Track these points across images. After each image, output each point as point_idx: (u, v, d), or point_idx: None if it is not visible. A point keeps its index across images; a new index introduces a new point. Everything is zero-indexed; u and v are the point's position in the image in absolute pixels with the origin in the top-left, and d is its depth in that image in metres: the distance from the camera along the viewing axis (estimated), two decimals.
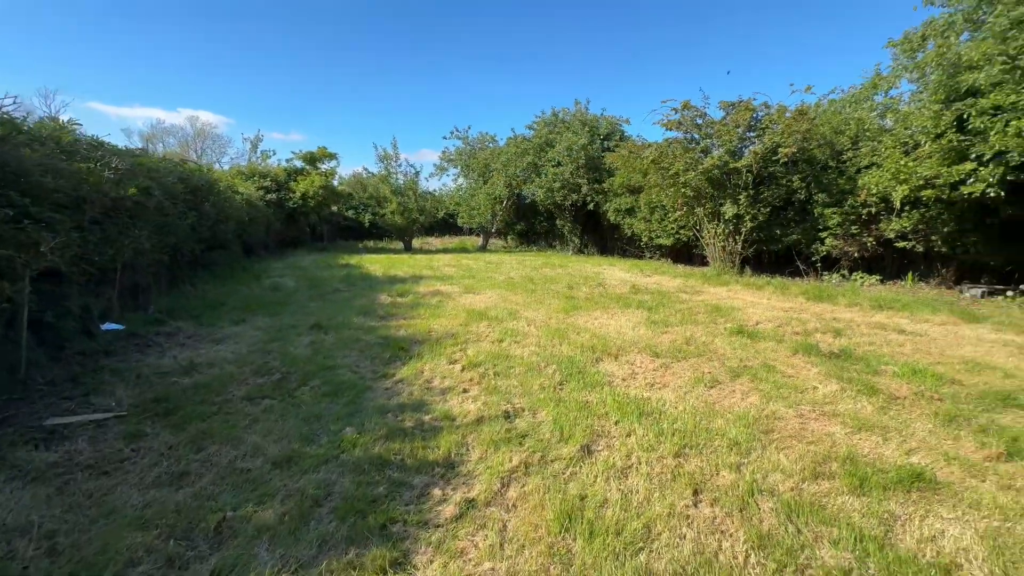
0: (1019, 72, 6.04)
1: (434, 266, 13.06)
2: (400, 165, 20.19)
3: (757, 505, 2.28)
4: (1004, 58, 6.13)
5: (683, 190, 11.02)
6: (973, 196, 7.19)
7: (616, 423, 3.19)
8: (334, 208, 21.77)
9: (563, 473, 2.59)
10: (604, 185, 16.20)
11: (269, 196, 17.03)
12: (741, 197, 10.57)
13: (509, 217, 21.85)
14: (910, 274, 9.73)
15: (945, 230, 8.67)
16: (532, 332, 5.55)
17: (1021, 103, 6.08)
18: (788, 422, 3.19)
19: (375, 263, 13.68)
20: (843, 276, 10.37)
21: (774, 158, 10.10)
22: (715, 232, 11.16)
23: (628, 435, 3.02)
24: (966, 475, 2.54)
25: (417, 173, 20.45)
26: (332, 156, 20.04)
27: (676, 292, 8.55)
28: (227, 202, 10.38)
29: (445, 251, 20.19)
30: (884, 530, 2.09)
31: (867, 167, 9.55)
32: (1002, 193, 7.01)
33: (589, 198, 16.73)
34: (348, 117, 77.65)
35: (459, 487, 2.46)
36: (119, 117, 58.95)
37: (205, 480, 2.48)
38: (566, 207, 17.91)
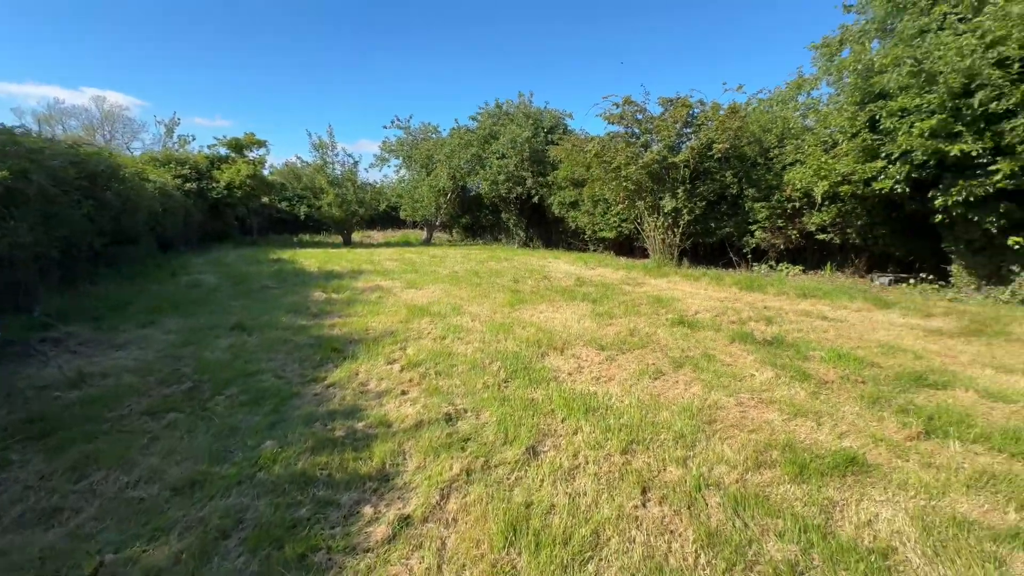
0: (923, 76, 6.57)
1: (374, 260, 12.50)
2: (337, 155, 19.22)
3: (705, 501, 2.23)
4: (912, 61, 6.65)
5: (625, 184, 11.20)
6: (883, 192, 7.79)
7: (563, 421, 3.07)
8: (265, 199, 20.36)
9: (507, 479, 2.43)
10: (548, 178, 16.23)
11: (188, 185, 15.57)
12: (679, 191, 10.91)
13: (454, 210, 21.41)
14: (828, 264, 10.48)
15: (859, 223, 9.39)
16: (476, 328, 5.35)
17: (924, 106, 6.63)
18: (729, 411, 3.21)
19: (310, 257, 12.90)
20: (771, 267, 11.00)
21: (709, 154, 10.49)
22: (655, 225, 11.46)
23: (575, 433, 2.91)
24: (892, 456, 2.65)
25: (356, 163, 19.58)
26: (261, 143, 18.68)
27: (619, 284, 8.66)
28: (135, 191, 9.30)
29: (387, 245, 19.49)
30: (825, 518, 2.10)
31: (792, 164, 10.14)
32: (907, 189, 7.65)
33: (534, 191, 16.71)
34: (280, 104, 73.10)
35: (393, 502, 2.23)
36: (6, 95, 51.85)
37: (84, 515, 2.09)
38: (511, 200, 17.79)
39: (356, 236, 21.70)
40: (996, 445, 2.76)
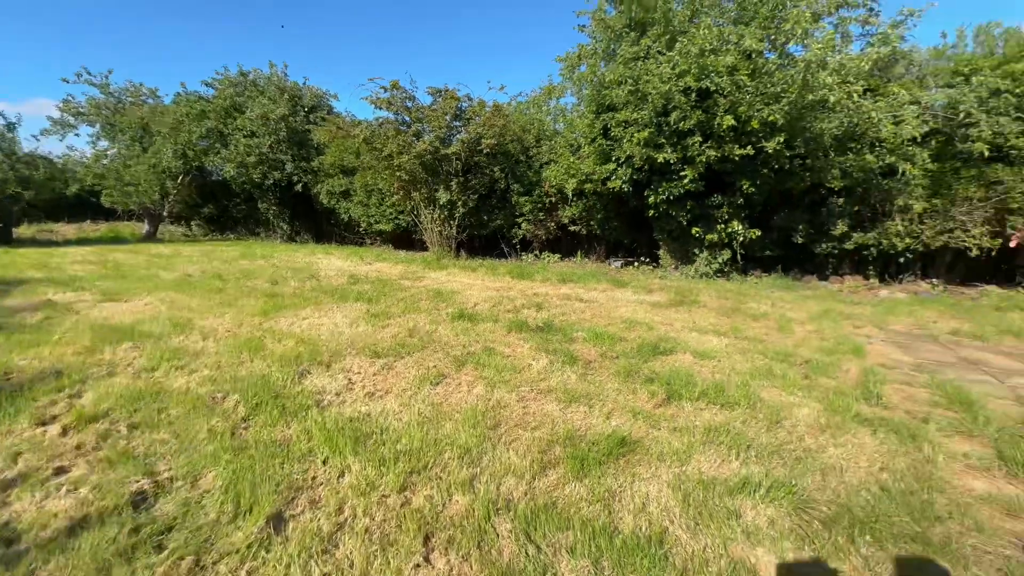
0: (639, 95, 8.00)
1: (51, 264, 8.91)
2: None
3: (495, 531, 1.93)
4: (631, 81, 8.00)
5: (398, 173, 10.69)
6: (615, 190, 9.29)
7: (324, 463, 2.41)
8: None
9: None
10: (314, 164, 14.46)
11: None
12: (453, 184, 10.99)
13: (191, 197, 17.28)
14: (579, 252, 12.16)
15: (599, 216, 11.09)
16: (210, 349, 4.08)
17: (640, 119, 8.08)
18: (512, 409, 3.08)
19: None
20: (536, 256, 12.15)
21: (478, 148, 10.83)
22: (432, 217, 11.32)
23: (340, 476, 2.30)
24: (648, 427, 2.88)
25: (12, 125, 13.69)
26: None
27: (398, 279, 8.15)
28: None
29: (83, 242, 14.39)
30: (608, 516, 2.05)
31: (547, 163, 11.31)
32: (630, 189, 9.29)
33: (296, 178, 14.67)
34: None
35: None
36: None
37: None
38: (268, 187, 15.24)
39: (26, 231, 15.40)
40: (711, 399, 3.31)
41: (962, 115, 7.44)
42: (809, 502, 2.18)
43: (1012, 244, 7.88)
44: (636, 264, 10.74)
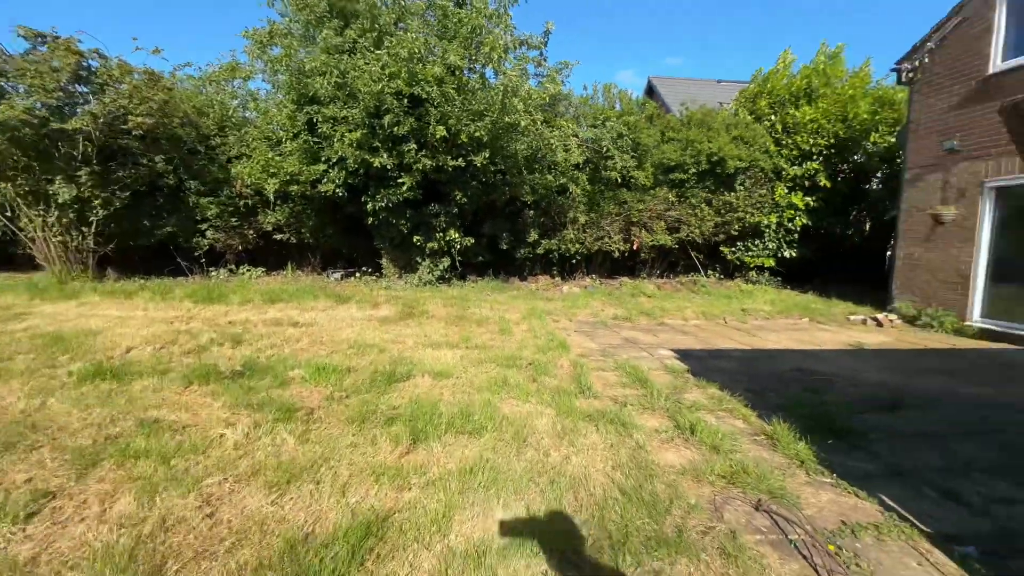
0: (347, 91, 7.23)
1: None
2: None
3: None
4: (337, 73, 7.15)
5: None
6: (327, 194, 8.27)
7: None
8: None
9: None
10: None
11: None
12: (82, 174, 7.66)
13: None
14: (289, 264, 10.48)
15: (310, 223, 9.77)
16: None
17: (351, 118, 7.34)
18: (187, 530, 1.98)
19: None
20: (231, 271, 9.83)
21: (124, 128, 7.87)
22: (45, 222, 7.62)
23: None
24: (397, 492, 2.31)
25: None
26: None
27: None
28: None
29: None
30: None
31: (237, 157, 9.24)
32: (345, 193, 8.45)
33: None
34: None
35: None
36: None
37: None
38: None
39: None
40: (459, 429, 3.00)
41: (604, 149, 9.78)
42: (573, 535, 2.04)
43: (634, 247, 10.87)
44: (358, 275, 9.96)
